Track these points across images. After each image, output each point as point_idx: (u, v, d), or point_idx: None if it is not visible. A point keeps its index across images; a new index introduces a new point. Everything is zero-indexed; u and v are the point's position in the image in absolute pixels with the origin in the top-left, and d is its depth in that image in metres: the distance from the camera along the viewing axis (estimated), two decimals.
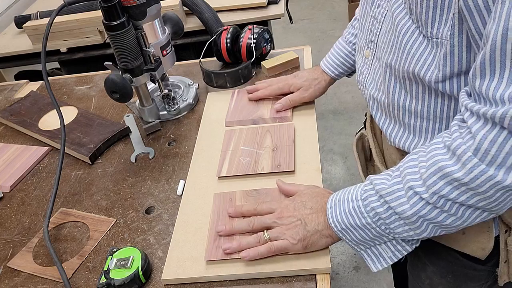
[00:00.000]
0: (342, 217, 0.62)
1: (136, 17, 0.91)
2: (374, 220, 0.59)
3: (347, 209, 0.61)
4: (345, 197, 0.62)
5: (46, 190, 0.92)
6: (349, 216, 0.61)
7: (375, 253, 0.63)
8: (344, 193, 0.63)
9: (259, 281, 0.67)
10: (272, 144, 0.88)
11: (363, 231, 0.61)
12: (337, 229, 0.62)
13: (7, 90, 1.31)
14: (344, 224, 0.61)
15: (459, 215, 0.54)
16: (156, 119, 1.04)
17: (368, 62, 0.74)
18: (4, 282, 0.74)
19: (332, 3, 3.71)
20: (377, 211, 0.58)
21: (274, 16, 1.59)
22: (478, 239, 0.66)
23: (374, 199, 0.59)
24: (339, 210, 0.62)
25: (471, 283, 0.75)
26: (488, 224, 0.64)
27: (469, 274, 0.74)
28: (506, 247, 0.66)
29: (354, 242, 0.63)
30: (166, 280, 0.68)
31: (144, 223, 0.80)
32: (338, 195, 0.64)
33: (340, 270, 1.69)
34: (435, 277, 0.79)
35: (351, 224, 0.61)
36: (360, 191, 0.61)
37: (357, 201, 0.61)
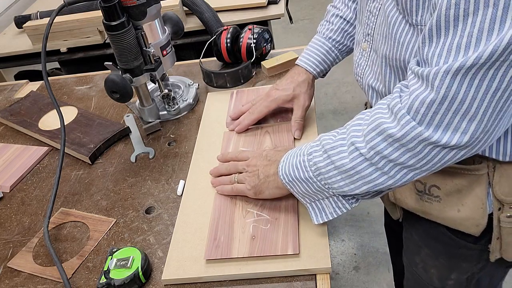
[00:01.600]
0: (289, 170, 0.67)
1: (136, 17, 0.91)
2: (315, 174, 0.63)
3: (293, 162, 0.66)
4: (295, 152, 0.67)
5: (46, 190, 0.92)
6: (295, 169, 0.66)
7: (318, 207, 0.68)
8: (296, 149, 0.68)
9: (259, 281, 0.67)
10: (271, 144, 0.88)
11: (306, 185, 0.65)
12: (285, 181, 0.68)
13: (7, 90, 1.31)
14: (291, 176, 0.66)
15: (390, 174, 0.57)
16: (156, 119, 1.04)
17: (366, 54, 0.76)
18: (4, 282, 0.74)
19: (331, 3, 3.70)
20: (318, 166, 0.63)
21: (274, 16, 1.59)
22: (473, 216, 0.67)
23: (319, 154, 0.63)
24: (288, 163, 0.67)
25: (463, 263, 0.76)
26: (482, 201, 0.66)
27: (462, 254, 0.75)
28: (499, 223, 0.67)
29: (300, 194, 0.68)
30: (166, 280, 0.68)
31: (144, 223, 0.80)
32: (292, 151, 0.69)
33: (340, 270, 1.69)
34: (429, 259, 0.80)
35: (296, 177, 0.66)
36: (308, 147, 0.66)
37: (303, 156, 0.65)
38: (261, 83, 1.11)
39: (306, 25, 3.47)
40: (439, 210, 0.70)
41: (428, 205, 0.71)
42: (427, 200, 0.71)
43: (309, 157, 0.64)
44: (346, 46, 0.94)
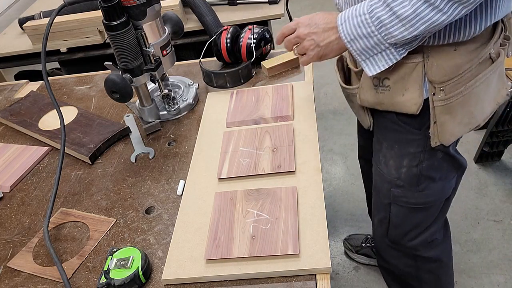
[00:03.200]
0: (351, 29, 0.76)
1: (136, 17, 0.91)
2: (377, 27, 0.73)
3: (355, 22, 0.75)
4: (353, 13, 0.75)
5: (46, 190, 0.92)
6: (357, 27, 0.75)
7: (372, 62, 0.78)
8: (352, 10, 0.76)
9: (259, 281, 0.67)
10: (271, 144, 0.89)
11: (367, 40, 0.75)
12: (347, 40, 0.77)
13: (7, 90, 1.31)
14: (353, 34, 0.76)
15: (446, 11, 0.66)
16: (156, 119, 1.04)
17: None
18: (4, 282, 0.74)
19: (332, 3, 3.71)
20: (381, 19, 0.71)
21: (274, 16, 1.59)
22: (413, 97, 0.82)
23: (380, 8, 0.71)
24: (349, 24, 0.76)
25: (410, 149, 0.91)
26: (419, 84, 0.80)
27: (408, 139, 0.90)
28: (434, 105, 0.81)
29: (359, 51, 0.77)
30: (166, 280, 0.68)
31: (144, 223, 0.80)
32: (347, 13, 0.77)
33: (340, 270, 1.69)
34: (387, 152, 0.95)
35: (358, 34, 0.75)
36: (366, 6, 0.73)
37: (364, 14, 0.74)
38: (261, 83, 1.11)
39: None
40: (390, 97, 0.85)
41: (381, 95, 0.86)
42: (381, 92, 0.85)
43: (371, 14, 0.72)
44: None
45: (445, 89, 0.80)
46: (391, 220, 1.06)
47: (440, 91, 0.80)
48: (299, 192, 0.78)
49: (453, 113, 0.82)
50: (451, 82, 0.79)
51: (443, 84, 0.80)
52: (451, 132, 0.84)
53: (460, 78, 0.79)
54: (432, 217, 1.04)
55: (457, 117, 0.83)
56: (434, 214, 1.03)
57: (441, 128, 0.84)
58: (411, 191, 0.97)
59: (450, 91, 0.80)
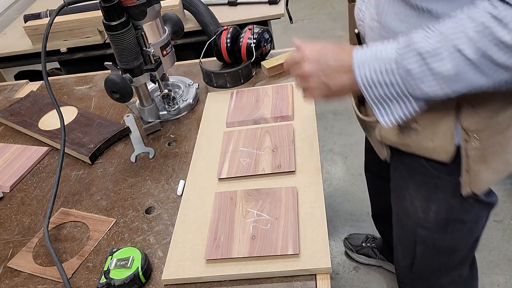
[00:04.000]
0: (371, 75, 0.65)
1: (136, 17, 0.91)
2: (404, 80, 0.63)
3: (377, 68, 0.65)
4: (375, 57, 0.65)
5: (46, 190, 0.92)
6: (379, 74, 0.65)
7: (386, 110, 0.68)
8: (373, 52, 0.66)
9: (259, 281, 0.67)
10: (271, 144, 0.88)
11: (387, 88, 0.65)
12: (364, 86, 0.67)
13: (7, 90, 1.31)
14: (372, 81, 0.66)
15: (491, 75, 0.58)
16: (156, 119, 1.04)
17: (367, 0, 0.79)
18: (4, 282, 0.74)
19: (332, 3, 3.70)
20: (412, 72, 0.61)
21: (274, 16, 1.59)
22: (444, 144, 0.74)
23: (412, 60, 0.61)
24: (369, 68, 0.65)
25: (439, 193, 0.83)
26: (451, 130, 0.72)
27: (437, 184, 0.82)
28: (467, 153, 0.74)
29: (375, 97, 0.67)
30: (166, 280, 0.68)
31: (144, 223, 0.80)
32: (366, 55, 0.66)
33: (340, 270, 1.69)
34: (413, 192, 0.87)
35: (378, 81, 0.65)
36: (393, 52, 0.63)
37: (390, 63, 0.63)
38: (261, 83, 1.11)
39: (306, 25, 3.46)
40: (417, 141, 0.77)
41: (407, 138, 0.77)
42: (407, 134, 0.77)
43: (398, 64, 0.62)
44: None
45: (480, 137, 0.72)
46: (416, 257, 0.98)
47: (475, 139, 0.72)
48: (299, 192, 0.78)
49: (488, 162, 0.75)
50: (487, 130, 0.71)
51: (479, 132, 0.71)
52: (485, 181, 0.77)
53: (498, 125, 0.71)
54: (460, 258, 0.97)
55: (492, 166, 0.75)
56: (462, 255, 0.96)
57: (474, 178, 0.76)
58: (438, 233, 0.89)
59: (486, 139, 0.72)
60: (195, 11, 1.53)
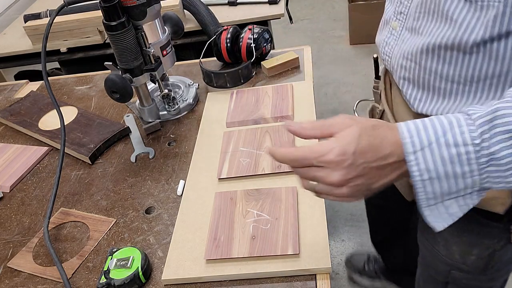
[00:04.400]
0: (436, 165, 0.49)
1: (136, 17, 0.91)
2: (482, 167, 0.48)
3: (447, 155, 0.48)
4: (441, 140, 0.49)
5: (46, 190, 0.92)
6: (448, 163, 0.48)
7: (440, 210, 0.53)
8: (435, 134, 0.49)
9: (259, 281, 0.67)
10: (271, 144, 0.88)
11: (454, 182, 0.49)
12: (421, 179, 0.50)
13: (7, 90, 1.31)
14: (437, 172, 0.49)
15: None
16: (156, 119, 1.04)
17: (396, 33, 0.75)
18: (4, 282, 0.74)
19: (332, 3, 3.70)
20: (497, 159, 0.47)
21: (274, 16, 1.59)
22: (499, 195, 0.65)
23: (503, 142, 0.46)
24: (432, 156, 0.49)
25: (485, 240, 0.74)
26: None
27: (484, 232, 0.73)
28: None
29: (432, 195, 0.51)
30: (166, 280, 0.68)
31: (144, 223, 0.80)
32: (423, 137, 0.49)
33: (340, 270, 1.69)
34: (450, 237, 0.78)
35: (446, 172, 0.49)
36: (469, 134, 0.48)
37: (466, 146, 0.48)
38: (261, 83, 1.11)
39: (306, 25, 3.46)
40: None
41: None
42: None
43: (478, 148, 0.47)
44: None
45: None
46: None
47: None
48: (299, 192, 0.78)
49: None
50: None
51: None
52: None
53: None
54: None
55: None
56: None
57: None
58: (476, 275, 0.82)
59: None
60: (195, 11, 1.53)
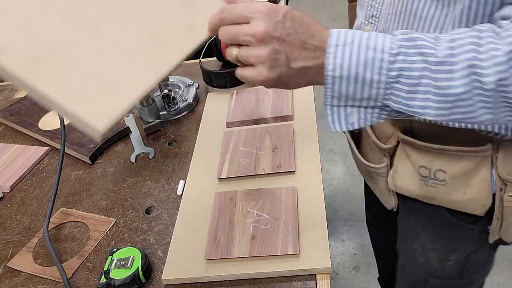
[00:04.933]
0: (350, 64, 0.48)
1: None
2: (390, 81, 0.48)
3: (361, 57, 0.48)
4: (363, 42, 0.48)
5: (46, 190, 0.92)
6: (361, 65, 0.48)
7: (340, 114, 0.53)
8: (360, 36, 0.49)
9: (259, 281, 0.67)
10: (271, 144, 0.89)
11: (361, 87, 0.49)
12: (332, 75, 0.49)
13: (7, 90, 1.31)
14: (348, 72, 0.48)
15: (499, 113, 0.47)
16: (156, 119, 1.04)
17: None
18: (4, 282, 0.74)
19: (332, 3, 3.71)
20: (408, 78, 0.47)
21: None
22: (479, 197, 0.65)
23: (413, 59, 0.47)
24: (350, 54, 0.48)
25: (463, 244, 0.74)
26: (487, 182, 0.63)
27: (462, 235, 0.73)
28: (502, 203, 0.65)
29: (334, 96, 0.51)
30: (166, 280, 0.68)
31: (144, 223, 0.80)
32: (349, 35, 0.49)
33: (340, 270, 1.69)
34: (428, 243, 0.78)
35: (357, 74, 0.48)
36: (390, 42, 0.48)
37: (382, 53, 0.48)
38: None
39: None
40: (445, 193, 0.66)
41: (433, 189, 0.67)
42: (432, 185, 0.66)
43: (393, 58, 0.47)
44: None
45: None
46: None
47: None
48: (299, 192, 0.78)
49: None
50: None
51: None
52: None
53: None
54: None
55: None
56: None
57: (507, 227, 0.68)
58: (454, 280, 0.82)
59: None
60: None
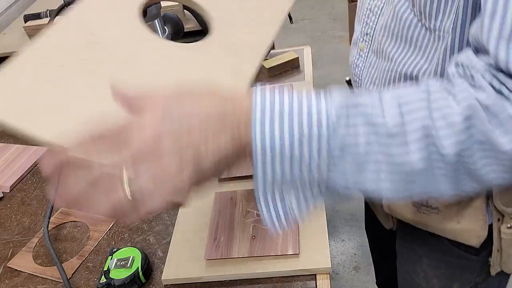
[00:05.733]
0: (280, 135, 0.38)
1: None
2: (333, 158, 0.38)
3: (293, 128, 0.37)
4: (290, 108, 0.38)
5: (46, 190, 0.92)
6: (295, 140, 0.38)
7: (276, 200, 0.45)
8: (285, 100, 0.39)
9: (259, 281, 0.67)
10: None
11: (297, 164, 0.39)
12: (258, 156, 0.38)
13: None
14: (281, 145, 0.38)
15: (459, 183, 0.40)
16: None
17: (364, 55, 0.73)
18: (4, 282, 0.74)
19: (332, 3, 3.71)
20: (355, 149, 0.38)
21: None
22: (473, 227, 0.63)
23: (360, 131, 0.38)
24: (279, 125, 0.38)
25: (464, 273, 0.73)
26: (482, 212, 0.62)
27: (463, 265, 0.72)
28: (500, 235, 0.64)
29: (267, 181, 0.42)
30: (166, 280, 0.68)
31: (144, 223, 0.80)
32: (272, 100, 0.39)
33: (340, 270, 1.69)
34: (429, 269, 0.76)
35: (291, 151, 0.38)
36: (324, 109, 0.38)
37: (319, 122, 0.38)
38: (261, 83, 1.11)
39: (306, 25, 3.47)
40: (438, 221, 0.65)
41: (426, 217, 0.65)
42: (425, 212, 0.65)
43: (334, 130, 0.38)
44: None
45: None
46: None
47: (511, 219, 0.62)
48: None
49: None
50: None
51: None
52: None
53: None
54: None
55: None
56: None
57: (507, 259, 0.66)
58: None
59: None
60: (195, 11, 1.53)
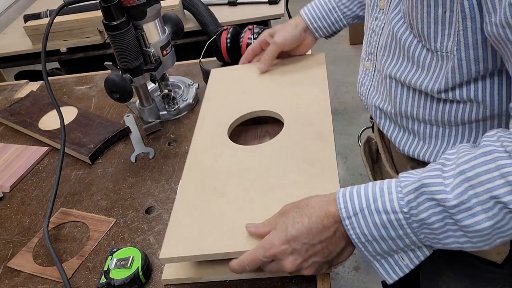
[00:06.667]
0: (370, 230, 0.53)
1: (136, 17, 0.91)
2: (417, 231, 0.51)
3: (378, 221, 0.52)
4: (371, 208, 0.53)
5: (46, 190, 0.92)
6: (382, 228, 0.52)
7: (390, 262, 0.56)
8: (366, 201, 0.53)
9: (259, 281, 0.67)
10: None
11: (392, 242, 0.53)
12: (360, 241, 0.55)
13: (7, 90, 1.31)
14: (372, 236, 0.53)
15: None
16: (156, 119, 1.04)
17: (370, 74, 0.74)
18: (4, 282, 0.74)
19: None
20: (429, 225, 0.50)
21: (274, 16, 1.59)
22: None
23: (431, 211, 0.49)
24: (366, 222, 0.53)
25: (488, 286, 0.73)
26: None
27: (486, 277, 0.72)
28: None
29: (373, 253, 0.55)
30: (166, 280, 0.68)
31: (144, 223, 0.80)
32: (355, 204, 0.54)
33: (340, 270, 1.69)
34: (451, 281, 0.77)
35: (382, 236, 0.53)
36: (397, 202, 0.51)
37: (395, 214, 0.51)
38: None
39: None
40: None
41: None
42: None
43: (408, 215, 0.51)
44: (352, 11, 0.92)
45: None
46: None
47: None
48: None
49: None
50: None
51: None
52: None
53: None
54: None
55: None
56: None
57: None
58: None
59: None
60: (195, 11, 1.53)
